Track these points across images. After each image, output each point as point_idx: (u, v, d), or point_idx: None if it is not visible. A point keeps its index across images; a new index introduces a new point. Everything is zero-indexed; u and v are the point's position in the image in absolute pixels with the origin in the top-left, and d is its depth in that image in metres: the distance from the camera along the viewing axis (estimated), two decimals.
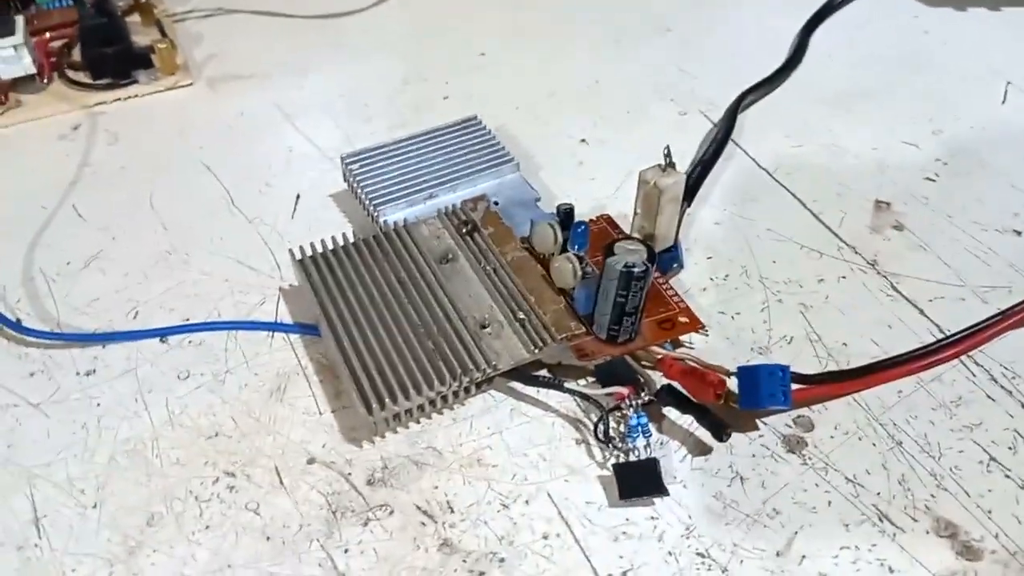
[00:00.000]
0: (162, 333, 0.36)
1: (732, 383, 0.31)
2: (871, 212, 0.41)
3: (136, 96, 0.49)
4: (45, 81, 0.49)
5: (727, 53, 0.53)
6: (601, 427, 0.31)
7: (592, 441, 0.32)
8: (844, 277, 0.38)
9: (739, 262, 0.39)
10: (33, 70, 0.48)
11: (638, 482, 0.29)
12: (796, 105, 0.48)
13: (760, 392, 0.30)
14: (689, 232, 0.40)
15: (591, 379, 0.34)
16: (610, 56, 0.52)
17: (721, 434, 0.30)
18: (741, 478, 0.31)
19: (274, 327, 0.37)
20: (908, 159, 0.44)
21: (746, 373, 0.30)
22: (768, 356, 0.35)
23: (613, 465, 0.30)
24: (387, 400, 0.31)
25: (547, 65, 0.52)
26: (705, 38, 0.54)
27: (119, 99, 0.49)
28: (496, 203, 0.39)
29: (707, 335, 0.34)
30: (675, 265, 0.37)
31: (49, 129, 0.47)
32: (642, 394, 0.31)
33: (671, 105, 0.48)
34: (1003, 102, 0.48)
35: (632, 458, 0.30)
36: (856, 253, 0.39)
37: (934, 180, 0.43)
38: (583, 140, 0.46)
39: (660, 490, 0.29)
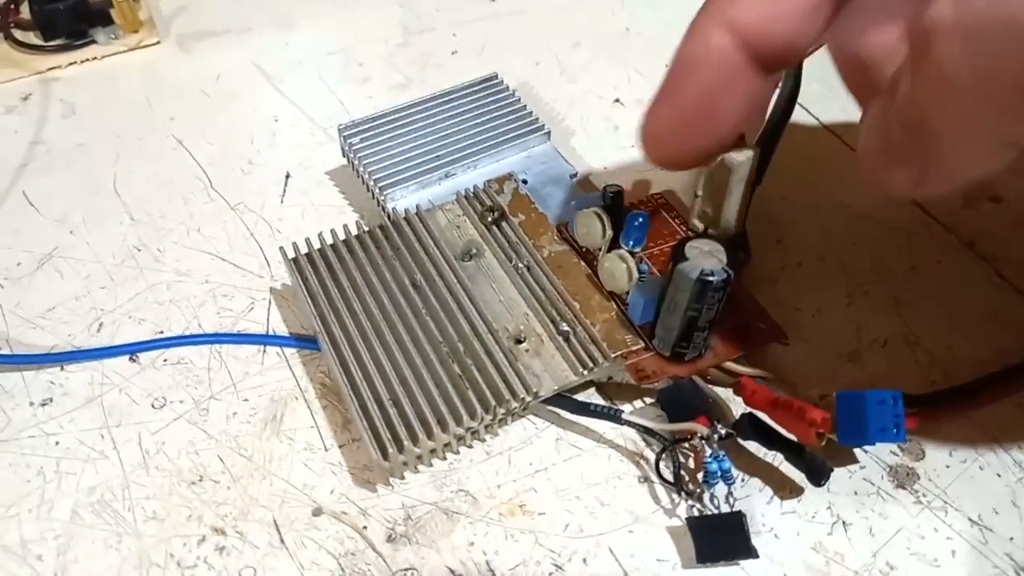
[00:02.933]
0: (132, 350, 0.31)
1: None
2: None
3: (94, 59, 0.42)
4: None
5: None
6: (666, 465, 0.26)
7: (656, 479, 0.26)
8: (939, 262, 0.32)
9: (813, 246, 0.33)
10: None
11: (720, 542, 0.24)
12: None
13: (867, 425, 0.24)
14: (751, 210, 0.34)
15: (649, 400, 0.28)
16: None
17: (820, 479, 0.25)
18: (844, 523, 0.25)
19: (265, 340, 0.31)
20: None
21: (849, 401, 0.24)
22: (861, 365, 0.29)
23: (688, 519, 0.25)
24: (406, 442, 0.25)
25: (569, 11, 0.45)
26: None
27: (75, 63, 0.42)
28: (525, 181, 0.33)
29: (788, 344, 0.29)
30: (742, 255, 0.31)
31: None
32: (718, 427, 0.25)
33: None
34: None
35: (711, 509, 0.25)
36: (949, 232, 0.33)
37: None
38: (617, 100, 0.40)
39: (748, 552, 0.24)
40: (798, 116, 0.38)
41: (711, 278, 0.24)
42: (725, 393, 0.28)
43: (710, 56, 0.21)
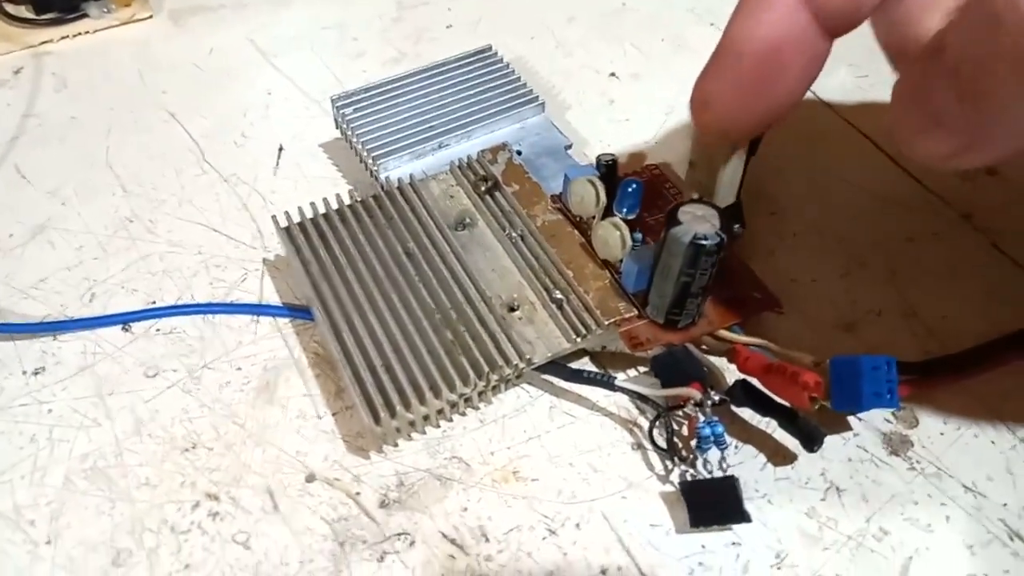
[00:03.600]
0: (124, 319, 0.30)
1: None
2: None
3: (87, 32, 0.42)
4: None
5: None
6: (659, 432, 0.26)
7: (650, 445, 0.26)
8: (936, 234, 0.32)
9: (809, 218, 0.33)
10: None
11: (713, 506, 0.24)
12: (859, 29, 0.41)
13: (862, 391, 0.24)
14: (746, 182, 0.34)
15: (644, 369, 0.28)
16: None
17: (813, 444, 0.24)
18: (838, 489, 0.25)
19: (258, 310, 0.31)
20: None
21: (842, 367, 0.24)
22: (856, 335, 0.29)
23: (681, 484, 0.25)
24: (398, 407, 0.25)
25: None
26: None
27: (67, 36, 0.41)
28: (519, 152, 0.32)
29: (782, 312, 0.28)
30: (736, 226, 0.31)
31: None
32: (711, 393, 0.25)
33: (711, 31, 0.41)
34: None
35: (703, 474, 0.25)
36: (946, 204, 0.33)
37: None
38: (613, 74, 0.39)
39: (741, 516, 0.24)
40: None
41: (704, 242, 0.24)
42: (719, 361, 0.28)
43: (775, 13, 0.21)
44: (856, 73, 0.38)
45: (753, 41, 0.21)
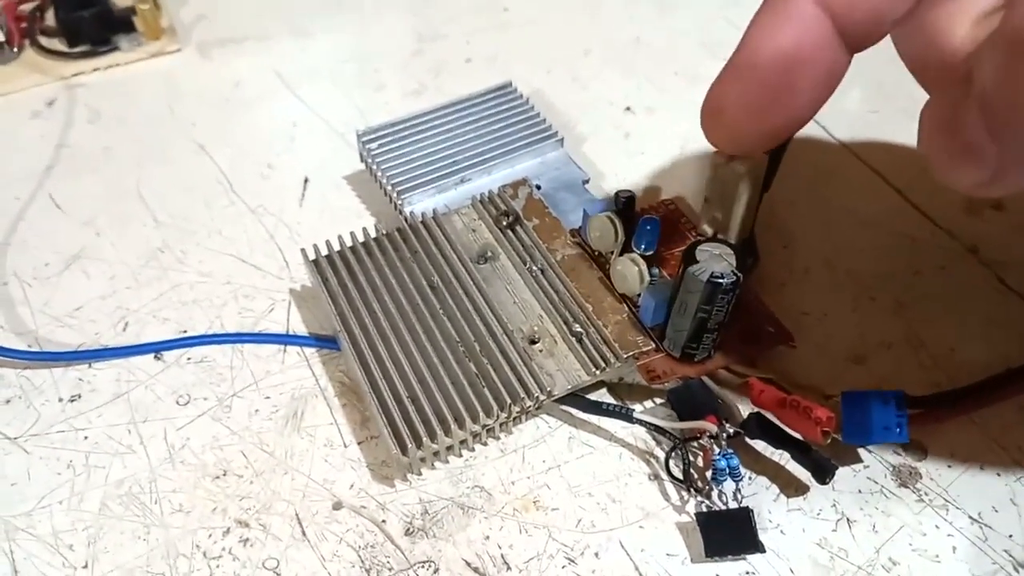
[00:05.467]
0: (157, 348, 0.31)
1: None
2: None
3: (118, 65, 0.43)
4: (15, 50, 0.43)
5: None
6: (676, 463, 0.27)
7: (666, 476, 0.27)
8: (943, 268, 0.33)
9: (820, 251, 0.33)
10: (1, 38, 0.42)
11: (728, 536, 0.25)
12: (868, 63, 0.42)
13: (871, 425, 0.25)
14: (760, 215, 0.35)
15: (660, 401, 0.29)
16: (649, 8, 0.46)
17: (825, 476, 0.25)
18: (848, 520, 0.26)
19: (286, 340, 0.32)
20: None
21: (853, 401, 0.25)
22: (867, 368, 0.30)
23: (697, 515, 0.26)
24: (424, 438, 0.26)
25: (579, 21, 0.46)
26: None
27: (98, 69, 0.43)
28: (538, 187, 0.33)
29: (795, 346, 0.29)
30: (750, 260, 0.32)
31: (21, 105, 0.41)
32: (726, 425, 0.26)
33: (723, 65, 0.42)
34: None
35: (719, 506, 0.26)
36: (953, 238, 0.34)
37: None
38: (628, 108, 0.40)
39: (755, 546, 0.25)
40: (807, 126, 0.39)
41: (721, 280, 0.25)
42: (733, 394, 0.29)
43: (795, 23, 0.20)
44: (867, 108, 0.39)
45: (770, 50, 0.20)
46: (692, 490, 0.26)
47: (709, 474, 0.26)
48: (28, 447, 0.29)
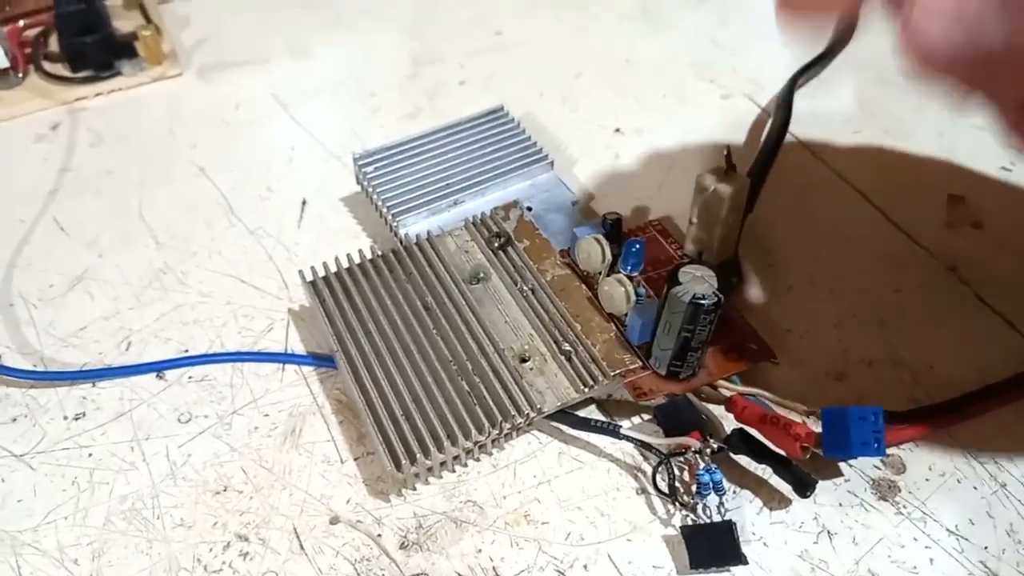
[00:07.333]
0: (159, 367, 0.32)
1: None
2: (944, 208, 0.37)
3: (120, 89, 0.44)
4: (20, 75, 0.44)
5: (770, 25, 0.48)
6: (662, 477, 0.28)
7: (653, 490, 0.28)
8: (923, 286, 0.34)
9: (804, 270, 0.34)
10: (6, 63, 0.43)
11: (712, 549, 0.26)
12: (851, 85, 0.43)
13: (850, 440, 0.26)
14: (743, 235, 0.36)
15: (647, 417, 0.30)
16: (639, 31, 0.47)
17: (806, 490, 0.26)
18: (829, 533, 0.27)
19: (285, 358, 0.33)
20: (980, 145, 0.39)
21: (832, 417, 0.26)
22: (847, 384, 0.31)
23: (682, 528, 0.26)
24: (418, 454, 0.27)
25: (571, 43, 0.47)
26: (744, 8, 0.49)
27: (101, 93, 0.44)
28: (529, 208, 0.34)
29: (777, 363, 0.30)
30: (734, 279, 0.33)
31: (25, 129, 0.43)
32: (710, 441, 0.27)
33: (711, 87, 0.44)
34: None
35: (703, 519, 0.26)
36: (933, 257, 0.35)
37: (1010, 170, 0.38)
38: (617, 130, 0.41)
39: (738, 558, 0.25)
40: (790, 146, 0.40)
41: (703, 301, 0.26)
42: (717, 410, 0.30)
43: None
44: (850, 128, 0.40)
45: None
46: (678, 504, 0.27)
47: (694, 488, 0.27)
48: (34, 464, 0.30)
